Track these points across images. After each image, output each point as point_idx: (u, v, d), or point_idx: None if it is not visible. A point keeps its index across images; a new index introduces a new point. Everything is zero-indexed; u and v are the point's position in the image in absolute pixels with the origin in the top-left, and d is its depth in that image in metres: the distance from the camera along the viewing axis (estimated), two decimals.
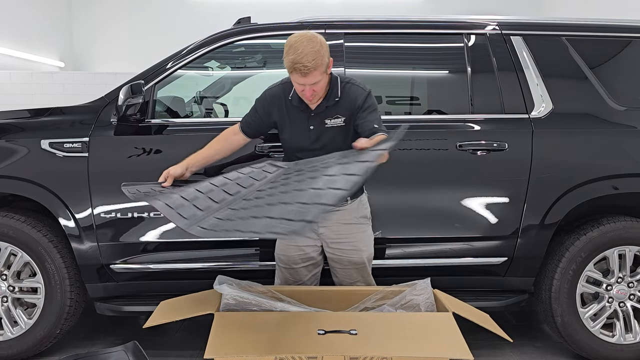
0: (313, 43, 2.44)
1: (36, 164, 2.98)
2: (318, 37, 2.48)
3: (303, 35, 2.47)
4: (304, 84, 2.48)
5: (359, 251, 2.76)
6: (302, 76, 2.45)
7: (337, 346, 2.10)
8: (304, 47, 2.41)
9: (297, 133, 2.69)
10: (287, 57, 2.44)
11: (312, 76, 2.45)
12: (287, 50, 2.46)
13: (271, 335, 2.19)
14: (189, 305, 2.53)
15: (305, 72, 2.43)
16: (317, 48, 2.43)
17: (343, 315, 2.40)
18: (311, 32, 2.52)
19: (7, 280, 3.02)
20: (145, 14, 10.87)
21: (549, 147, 3.03)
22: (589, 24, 3.28)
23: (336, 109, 2.63)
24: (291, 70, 2.46)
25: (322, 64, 2.46)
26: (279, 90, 2.71)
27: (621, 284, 3.04)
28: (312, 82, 2.47)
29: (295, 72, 2.45)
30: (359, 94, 2.61)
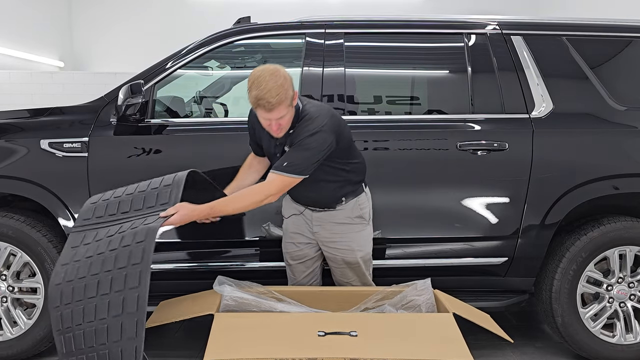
0: (276, 77, 2.41)
1: (36, 164, 2.97)
2: (281, 71, 2.46)
3: (265, 70, 2.44)
4: (269, 118, 2.47)
5: (353, 251, 2.77)
6: (267, 112, 2.43)
7: (337, 348, 2.10)
8: (267, 83, 2.39)
9: (269, 155, 2.76)
10: (251, 92, 2.43)
11: (277, 111, 2.43)
12: (249, 85, 2.44)
13: (271, 336, 2.19)
14: (189, 306, 2.53)
15: (270, 108, 2.41)
16: (280, 82, 2.41)
17: (343, 317, 2.39)
18: (274, 65, 2.49)
19: (7, 281, 3.02)
20: (145, 14, 10.86)
21: (549, 147, 3.02)
22: (589, 24, 3.28)
23: (292, 140, 2.60)
24: (255, 106, 2.45)
25: (287, 98, 2.44)
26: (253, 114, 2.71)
27: (622, 284, 3.04)
28: (277, 117, 2.46)
29: (260, 107, 2.43)
30: (307, 130, 2.54)
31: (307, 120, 2.57)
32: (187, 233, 3.01)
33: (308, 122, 2.57)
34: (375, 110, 3.34)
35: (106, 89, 3.22)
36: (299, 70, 3.15)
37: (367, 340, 2.15)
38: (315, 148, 2.53)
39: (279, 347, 2.11)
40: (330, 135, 2.55)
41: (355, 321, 2.29)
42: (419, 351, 2.13)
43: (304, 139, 2.52)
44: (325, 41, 3.16)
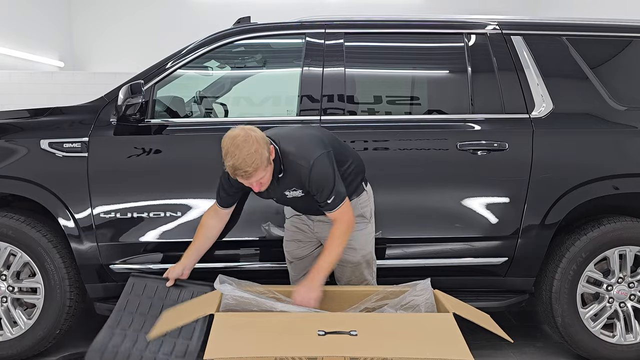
0: (249, 145, 2.35)
1: (36, 164, 2.97)
2: (252, 136, 2.38)
3: (237, 137, 2.38)
4: (249, 183, 2.46)
5: (354, 250, 2.76)
6: (246, 179, 2.42)
7: (337, 347, 2.10)
8: (241, 151, 2.34)
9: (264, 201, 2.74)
10: (226, 162, 2.39)
11: (255, 176, 2.41)
12: (224, 154, 2.40)
13: (271, 336, 2.18)
14: (190, 309, 2.53)
15: (247, 176, 2.39)
16: (254, 149, 2.35)
17: (343, 316, 2.39)
18: (243, 129, 2.41)
19: (7, 281, 3.02)
20: (145, 13, 10.86)
21: (549, 147, 3.02)
22: (589, 24, 3.28)
23: (287, 183, 2.58)
24: (233, 175, 2.43)
25: (262, 162, 2.39)
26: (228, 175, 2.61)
27: (622, 284, 3.04)
28: (257, 179, 2.44)
29: (238, 176, 2.42)
30: (300, 171, 2.52)
31: (291, 163, 2.53)
32: (187, 233, 3.01)
33: (294, 164, 2.53)
34: (375, 110, 3.34)
35: (106, 89, 3.21)
36: (299, 70, 3.15)
37: (367, 340, 2.14)
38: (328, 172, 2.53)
39: (279, 346, 2.11)
40: (324, 155, 2.54)
41: (355, 321, 2.28)
42: (419, 350, 2.13)
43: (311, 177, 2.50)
44: (325, 41, 3.16)
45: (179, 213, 3.00)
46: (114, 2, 10.89)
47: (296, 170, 2.53)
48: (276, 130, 2.69)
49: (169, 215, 2.99)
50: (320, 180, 2.52)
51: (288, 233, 2.91)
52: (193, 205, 3.00)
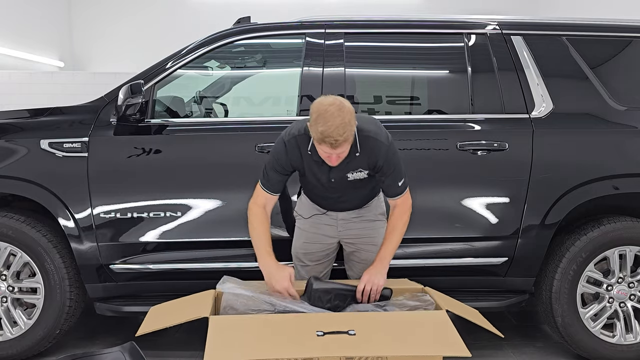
0: (343, 114, 2.34)
1: (36, 164, 2.97)
2: (346, 106, 2.38)
3: (332, 105, 2.36)
4: (331, 153, 2.43)
5: (378, 246, 2.78)
6: (332, 148, 2.39)
7: (334, 347, 2.10)
8: (334, 119, 2.32)
9: (317, 183, 2.67)
10: (316, 126, 2.35)
11: (342, 147, 2.40)
12: (315, 118, 2.36)
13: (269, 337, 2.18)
14: (181, 310, 2.53)
15: (336, 145, 2.37)
16: (347, 119, 2.34)
17: (341, 316, 2.40)
18: (338, 99, 2.40)
19: (7, 281, 3.02)
20: (145, 14, 10.87)
21: (549, 147, 3.02)
22: (589, 24, 3.28)
23: (357, 162, 2.58)
24: (320, 142, 2.38)
25: (351, 135, 2.40)
26: (296, 141, 2.58)
27: (622, 284, 3.04)
28: (340, 152, 2.43)
29: (324, 143, 2.37)
30: (379, 149, 2.54)
31: (370, 139, 2.53)
32: (186, 233, 3.01)
33: (374, 140, 2.53)
34: (375, 110, 3.34)
35: (106, 89, 3.21)
36: (299, 70, 3.15)
37: (365, 339, 2.15)
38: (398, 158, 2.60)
39: (277, 347, 2.11)
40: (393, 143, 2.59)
41: (353, 320, 2.29)
42: (416, 347, 2.15)
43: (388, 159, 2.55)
44: (325, 41, 3.16)
45: (179, 213, 3.00)
46: (114, 3, 10.90)
47: (374, 148, 2.53)
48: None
49: (169, 215, 2.99)
50: (395, 160, 2.58)
51: (307, 234, 2.85)
52: (193, 205, 3.00)
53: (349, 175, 2.61)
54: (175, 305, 2.63)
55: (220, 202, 3.01)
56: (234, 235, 3.03)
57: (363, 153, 2.54)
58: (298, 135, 2.57)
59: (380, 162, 2.56)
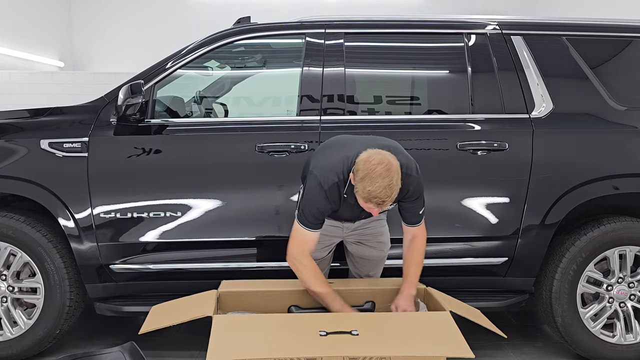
0: (391, 174, 2.35)
1: (36, 164, 2.97)
2: (394, 165, 2.39)
3: (381, 164, 2.36)
4: (375, 209, 2.44)
5: (384, 244, 2.87)
6: (376, 206, 2.40)
7: (337, 347, 2.10)
8: (382, 181, 2.33)
9: (344, 215, 2.71)
10: (363, 185, 2.36)
11: (386, 204, 2.41)
12: (362, 177, 2.36)
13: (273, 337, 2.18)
14: (183, 309, 2.53)
15: (383, 205, 2.39)
16: (395, 180, 2.36)
17: (344, 316, 2.40)
18: (386, 157, 2.40)
19: (7, 281, 3.02)
20: (145, 14, 10.87)
21: (549, 147, 3.02)
22: (589, 24, 3.28)
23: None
24: (366, 201, 2.39)
25: (397, 193, 2.40)
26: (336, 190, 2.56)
27: (622, 284, 3.04)
28: (385, 209, 2.46)
29: (370, 202, 2.39)
30: (411, 183, 2.56)
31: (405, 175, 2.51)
32: (186, 233, 3.01)
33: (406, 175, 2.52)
34: (375, 110, 3.34)
35: (106, 89, 3.21)
36: (299, 70, 3.15)
37: (368, 339, 2.15)
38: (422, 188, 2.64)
39: (280, 346, 2.11)
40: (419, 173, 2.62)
41: (356, 321, 2.29)
42: (419, 348, 2.14)
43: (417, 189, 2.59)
44: (325, 41, 3.16)
45: (179, 213, 3.00)
46: (114, 3, 10.90)
47: (406, 182, 2.52)
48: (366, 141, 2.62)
49: (169, 215, 2.99)
50: (420, 189, 2.62)
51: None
52: (193, 205, 3.00)
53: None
54: (177, 304, 2.64)
55: (220, 202, 3.01)
56: (234, 235, 3.03)
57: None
58: (338, 181, 2.54)
59: (409, 193, 2.58)
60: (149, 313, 2.58)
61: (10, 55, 9.01)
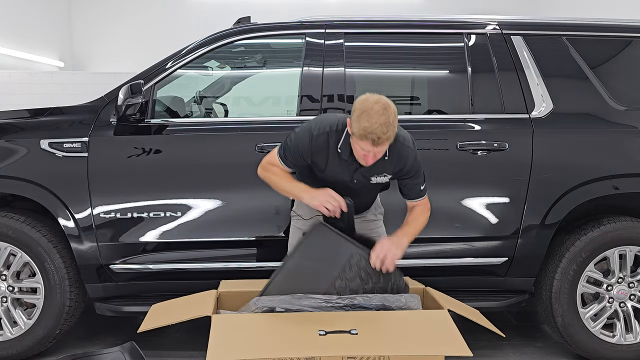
0: (388, 113, 2.35)
1: (36, 164, 2.97)
2: (391, 106, 2.39)
3: (377, 103, 2.36)
4: (370, 151, 2.41)
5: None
6: (372, 145, 2.38)
7: (336, 346, 2.10)
8: (379, 117, 2.33)
9: (335, 179, 2.64)
10: (359, 122, 2.34)
11: (381, 146, 2.39)
12: (358, 115, 2.36)
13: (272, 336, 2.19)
14: (183, 308, 2.53)
15: (378, 143, 2.36)
16: (391, 119, 2.35)
17: (343, 315, 2.40)
18: (384, 98, 2.41)
19: (7, 281, 3.02)
20: (145, 14, 10.87)
21: (549, 147, 3.02)
22: (589, 24, 3.28)
23: (383, 166, 2.57)
24: (362, 138, 2.37)
25: (394, 134, 2.40)
26: (325, 140, 2.56)
27: (622, 284, 3.04)
28: (379, 151, 2.43)
29: (366, 140, 2.36)
30: (408, 156, 2.56)
31: (399, 144, 2.54)
32: (186, 233, 3.01)
33: (402, 146, 2.55)
34: None
35: (106, 89, 3.21)
36: (299, 70, 3.15)
37: (367, 339, 2.15)
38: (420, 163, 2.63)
39: (279, 346, 2.11)
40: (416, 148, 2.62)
41: (355, 320, 2.29)
42: (418, 347, 2.15)
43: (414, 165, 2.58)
44: (325, 41, 3.16)
45: (179, 213, 3.00)
46: (114, 3, 10.90)
47: (402, 153, 2.55)
48: None
49: (169, 215, 2.99)
50: (418, 165, 2.61)
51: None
52: (193, 205, 3.00)
53: (372, 178, 2.61)
54: (176, 303, 2.64)
55: (220, 202, 3.01)
56: (234, 235, 3.03)
57: (391, 158, 2.55)
58: (330, 131, 2.56)
59: (406, 168, 2.58)
60: (149, 312, 2.58)
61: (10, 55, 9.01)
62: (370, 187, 2.67)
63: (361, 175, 2.59)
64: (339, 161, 2.57)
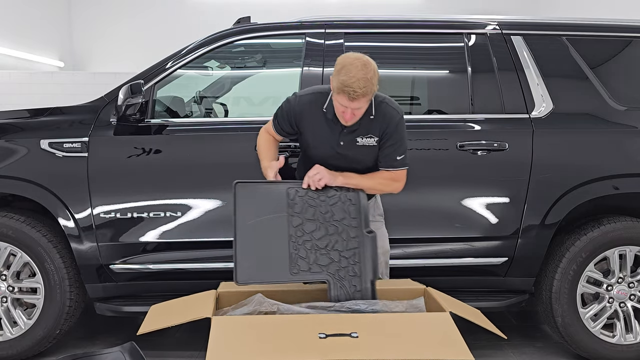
0: (366, 69, 2.39)
1: (36, 164, 2.97)
2: (372, 64, 2.43)
3: (358, 59, 2.41)
4: (347, 106, 2.44)
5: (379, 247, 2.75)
6: (349, 100, 2.41)
7: (337, 349, 2.09)
8: (357, 72, 2.37)
9: (323, 145, 2.66)
10: (338, 77, 2.39)
11: (358, 102, 2.42)
12: (338, 69, 2.41)
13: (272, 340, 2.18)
14: (182, 310, 2.52)
15: (354, 97, 2.39)
16: (369, 76, 2.39)
17: (344, 318, 2.39)
18: (365, 56, 2.45)
19: (7, 281, 3.02)
20: (145, 14, 10.87)
21: (549, 147, 3.02)
22: (589, 24, 3.28)
23: (369, 128, 2.59)
24: (339, 92, 2.41)
25: (371, 92, 2.43)
26: (310, 99, 2.63)
27: (621, 284, 3.04)
28: (356, 107, 2.45)
29: (343, 94, 2.40)
30: (392, 117, 2.58)
31: (385, 105, 2.59)
32: (186, 233, 3.01)
33: (388, 107, 2.60)
34: None
35: (106, 89, 3.21)
36: (299, 70, 3.15)
37: (368, 342, 2.14)
38: (405, 134, 2.64)
39: (279, 349, 2.10)
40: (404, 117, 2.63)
41: (356, 323, 2.28)
42: (419, 350, 2.13)
43: (398, 129, 2.59)
44: (325, 41, 3.16)
45: (179, 213, 3.00)
46: (114, 3, 10.90)
47: (387, 114, 2.58)
48: None
49: (169, 215, 2.99)
50: (402, 133, 2.62)
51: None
52: (193, 205, 3.01)
53: (358, 139, 2.61)
54: (176, 304, 2.63)
55: (220, 202, 3.02)
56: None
57: (376, 118, 2.58)
58: (315, 92, 2.65)
59: (389, 130, 2.59)
60: (148, 313, 2.57)
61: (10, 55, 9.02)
62: (359, 151, 2.66)
63: (347, 137, 2.61)
64: (325, 122, 2.61)
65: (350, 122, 2.52)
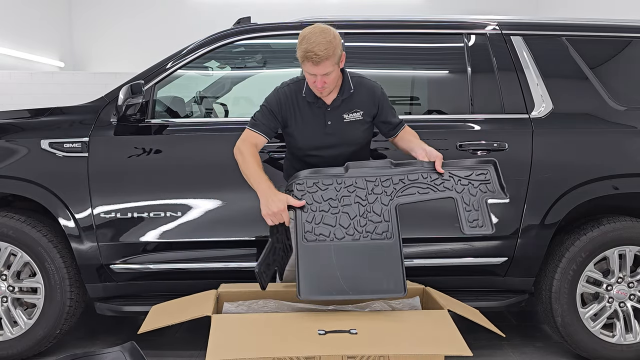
0: (325, 34, 2.48)
1: (36, 164, 2.98)
2: (331, 30, 2.52)
3: (316, 27, 2.52)
4: (315, 73, 2.50)
5: None
6: (314, 65, 2.46)
7: (336, 346, 2.10)
8: (317, 37, 2.45)
9: (310, 130, 2.69)
10: (300, 47, 2.48)
11: (323, 66, 2.46)
12: (300, 40, 2.50)
13: (271, 336, 2.19)
14: (183, 309, 2.53)
15: (317, 60, 2.44)
16: (329, 39, 2.47)
17: (343, 315, 2.40)
18: (324, 25, 2.55)
19: (7, 281, 3.02)
20: (145, 14, 10.88)
21: (549, 147, 3.03)
22: (589, 24, 3.28)
23: (353, 103, 2.66)
24: (303, 60, 2.48)
25: (334, 55, 2.48)
26: (291, 89, 2.72)
27: (621, 284, 3.04)
28: (323, 72, 2.49)
29: (307, 60, 2.46)
30: (374, 87, 2.70)
31: (363, 80, 2.70)
32: (187, 233, 3.02)
33: (363, 79, 2.71)
34: None
35: (106, 89, 3.22)
36: (299, 70, 3.15)
37: (367, 338, 2.15)
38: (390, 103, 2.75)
39: (279, 346, 2.11)
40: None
41: (355, 319, 2.29)
42: (418, 347, 2.15)
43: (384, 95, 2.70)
44: None
45: (179, 213, 3.00)
46: (114, 3, 10.91)
47: (368, 86, 2.70)
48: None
49: (169, 215, 3.00)
50: (387, 98, 2.72)
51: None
52: (193, 205, 3.01)
53: (345, 115, 2.67)
54: (176, 304, 2.64)
55: (220, 202, 3.02)
56: (234, 235, 3.04)
57: (357, 91, 2.66)
58: (291, 83, 2.73)
59: (378, 96, 2.69)
60: (149, 313, 2.58)
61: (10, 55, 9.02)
62: (347, 129, 2.69)
63: (333, 115, 2.66)
64: (308, 106, 2.67)
65: (324, 92, 2.58)
